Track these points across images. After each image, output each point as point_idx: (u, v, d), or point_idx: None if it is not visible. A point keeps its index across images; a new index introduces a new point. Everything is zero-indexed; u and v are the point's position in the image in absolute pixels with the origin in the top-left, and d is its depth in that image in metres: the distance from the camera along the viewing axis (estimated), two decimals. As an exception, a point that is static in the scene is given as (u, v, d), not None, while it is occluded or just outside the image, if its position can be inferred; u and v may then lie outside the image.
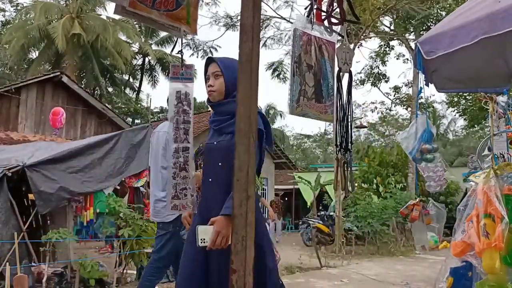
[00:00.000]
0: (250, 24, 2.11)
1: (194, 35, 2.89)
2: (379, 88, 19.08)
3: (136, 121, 27.04)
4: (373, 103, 26.61)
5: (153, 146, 4.03)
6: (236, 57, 2.16)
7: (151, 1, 2.39)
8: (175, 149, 3.63)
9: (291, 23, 15.24)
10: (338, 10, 2.97)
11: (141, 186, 7.25)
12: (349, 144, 2.75)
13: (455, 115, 25.33)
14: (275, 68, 18.68)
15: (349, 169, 2.71)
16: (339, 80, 2.79)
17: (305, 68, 2.70)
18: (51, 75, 13.13)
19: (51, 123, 11.41)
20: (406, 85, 19.43)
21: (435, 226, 3.82)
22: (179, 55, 3.29)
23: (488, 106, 3.73)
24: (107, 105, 15.95)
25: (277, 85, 62.98)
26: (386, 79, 18.52)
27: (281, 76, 18.86)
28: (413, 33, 15.49)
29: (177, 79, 3.37)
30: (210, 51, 19.42)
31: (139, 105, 28.26)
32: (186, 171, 3.81)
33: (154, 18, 2.46)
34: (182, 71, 3.29)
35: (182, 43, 3.18)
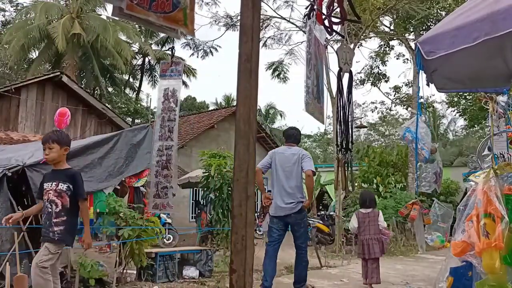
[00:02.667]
0: (250, 24, 2.12)
1: (192, 36, 2.91)
2: (379, 88, 19.07)
3: (136, 121, 27.04)
4: (373, 103, 26.64)
5: (276, 163, 5.36)
6: (236, 57, 2.16)
7: (148, 4, 2.40)
8: (159, 147, 3.66)
9: (291, 23, 15.23)
10: (338, 10, 2.97)
11: (141, 186, 7.25)
12: (350, 144, 2.75)
13: (455, 115, 25.34)
14: (275, 68, 18.64)
15: (349, 168, 2.71)
16: (340, 79, 2.79)
17: (313, 67, 2.69)
18: (51, 75, 13.12)
19: (56, 123, 11.37)
20: (406, 85, 19.42)
21: (442, 225, 3.80)
22: (171, 52, 3.27)
23: (488, 106, 3.73)
24: (107, 105, 15.95)
25: (277, 85, 63.05)
26: (386, 79, 18.50)
27: (281, 76, 18.82)
28: (413, 33, 15.48)
29: (166, 76, 3.37)
30: (210, 51, 19.39)
31: (139, 105, 28.26)
32: (168, 169, 3.83)
33: (151, 20, 2.46)
34: (172, 67, 3.28)
35: (173, 40, 3.18)
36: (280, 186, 5.22)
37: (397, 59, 18.50)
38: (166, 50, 26.61)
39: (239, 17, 2.23)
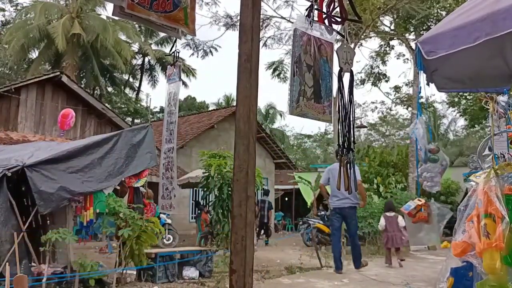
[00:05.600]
0: (250, 24, 2.11)
1: (193, 36, 2.90)
2: (379, 88, 19.08)
3: (136, 120, 27.06)
4: (373, 102, 26.67)
5: (331, 176, 7.32)
6: (236, 57, 2.16)
7: (148, 3, 2.39)
8: (165, 150, 3.65)
9: (292, 22, 15.21)
10: (338, 9, 2.95)
11: (141, 186, 7.24)
12: (352, 144, 2.73)
13: (455, 115, 25.35)
14: (275, 68, 18.62)
15: (352, 169, 2.69)
16: (341, 79, 2.77)
17: (305, 68, 2.68)
18: (51, 75, 13.12)
19: (59, 125, 11.37)
20: (406, 85, 19.43)
21: (440, 226, 3.80)
22: (176, 55, 3.26)
23: (488, 105, 3.72)
24: (106, 105, 15.94)
25: (277, 85, 63.04)
26: (386, 78, 18.51)
27: (281, 75, 18.81)
28: (413, 32, 15.48)
29: (170, 81, 3.37)
30: (210, 51, 19.37)
31: (138, 105, 28.28)
32: (170, 170, 3.80)
33: (152, 19, 2.45)
34: (174, 71, 3.29)
35: (175, 43, 3.15)
36: (337, 191, 6.95)
37: (397, 59, 18.52)
38: (170, 54, 26.60)
39: (239, 17, 2.23)
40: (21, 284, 4.60)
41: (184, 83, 28.54)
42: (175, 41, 3.15)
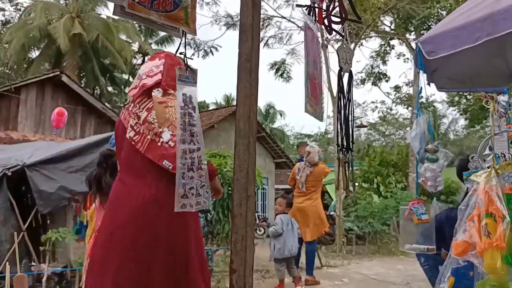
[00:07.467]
0: (250, 23, 2.11)
1: (194, 35, 2.88)
2: (379, 88, 19.08)
3: (136, 120, 27.00)
4: (374, 102, 26.67)
5: None
6: (236, 57, 2.15)
7: (149, 3, 2.39)
8: (183, 150, 3.64)
9: (292, 22, 15.19)
10: (339, 9, 2.95)
11: (141, 186, 7.24)
12: (351, 144, 2.73)
13: (455, 115, 25.35)
14: (278, 68, 18.55)
15: (350, 168, 2.69)
16: (341, 79, 2.77)
17: (313, 65, 2.67)
18: (51, 75, 13.11)
19: (54, 123, 11.34)
20: (406, 85, 19.42)
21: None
22: (182, 56, 3.24)
23: (489, 105, 3.72)
24: (107, 104, 15.93)
25: (277, 85, 62.96)
26: (386, 78, 18.50)
27: (284, 75, 18.72)
28: (413, 32, 15.47)
29: (183, 82, 3.37)
30: (211, 50, 19.32)
31: (139, 105, 28.23)
32: (193, 171, 3.80)
33: (153, 19, 2.45)
34: (187, 74, 3.28)
35: (185, 46, 3.12)
36: None
37: (397, 58, 18.52)
38: (180, 54, 26.52)
39: (239, 17, 2.22)
40: (21, 283, 4.60)
41: (184, 83, 28.52)
42: (180, 43, 3.11)
